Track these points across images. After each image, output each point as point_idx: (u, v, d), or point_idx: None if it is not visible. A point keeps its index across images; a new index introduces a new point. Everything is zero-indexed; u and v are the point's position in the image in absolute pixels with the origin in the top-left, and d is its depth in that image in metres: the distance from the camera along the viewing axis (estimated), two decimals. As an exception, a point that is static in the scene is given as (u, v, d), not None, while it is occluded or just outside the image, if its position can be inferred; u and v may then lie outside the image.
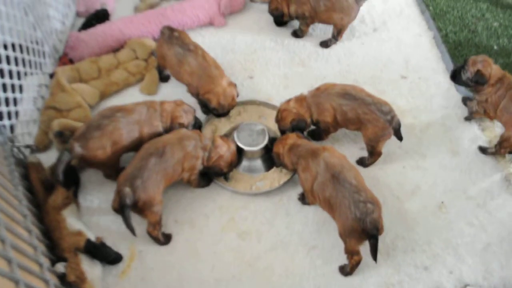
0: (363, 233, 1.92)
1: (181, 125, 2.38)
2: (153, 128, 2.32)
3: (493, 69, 2.46)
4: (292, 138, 2.30)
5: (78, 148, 2.13)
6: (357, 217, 1.91)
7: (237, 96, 2.63)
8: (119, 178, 2.08)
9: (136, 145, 2.25)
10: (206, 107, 2.60)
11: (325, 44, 3.14)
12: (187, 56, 2.58)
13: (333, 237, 2.20)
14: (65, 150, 2.14)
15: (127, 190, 1.99)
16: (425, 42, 3.24)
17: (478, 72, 2.45)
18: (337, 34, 3.10)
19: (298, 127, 2.40)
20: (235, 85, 2.61)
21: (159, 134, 2.33)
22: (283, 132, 2.49)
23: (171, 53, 2.63)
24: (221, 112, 2.61)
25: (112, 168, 2.32)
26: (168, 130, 2.37)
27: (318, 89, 2.44)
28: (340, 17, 2.96)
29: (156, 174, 2.08)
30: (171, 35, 2.65)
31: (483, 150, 2.58)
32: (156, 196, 2.08)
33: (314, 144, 2.28)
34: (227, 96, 2.54)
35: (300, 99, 2.44)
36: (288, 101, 2.45)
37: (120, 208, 1.98)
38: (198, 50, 2.62)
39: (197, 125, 2.50)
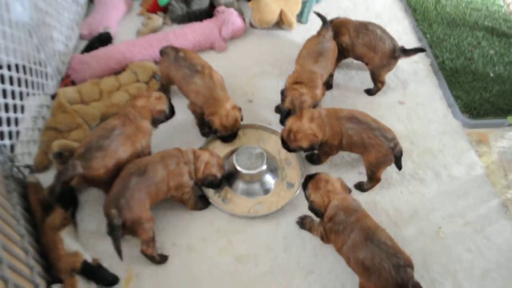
0: None
1: (161, 113, 2.42)
2: (143, 138, 2.34)
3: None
4: (340, 194, 2.08)
5: (79, 168, 2.11)
6: (399, 283, 1.82)
7: (241, 119, 2.64)
8: (105, 202, 2.08)
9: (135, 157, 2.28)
10: (210, 128, 2.60)
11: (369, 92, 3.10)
12: (194, 77, 2.61)
13: (330, 262, 2.20)
14: (64, 169, 2.10)
15: (114, 211, 1.99)
16: (422, 68, 3.29)
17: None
18: (375, 84, 3.03)
19: (310, 150, 2.42)
20: (239, 109, 2.63)
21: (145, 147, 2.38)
22: (288, 149, 2.47)
23: (179, 75, 2.65)
24: (224, 134, 2.60)
25: (110, 185, 2.28)
26: (155, 122, 2.42)
27: (328, 110, 2.42)
28: (371, 56, 2.88)
29: (138, 192, 2.08)
30: (177, 56, 2.67)
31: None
32: (142, 214, 2.08)
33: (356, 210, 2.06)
34: (229, 118, 2.54)
35: (312, 118, 2.36)
36: (299, 118, 2.38)
37: (111, 229, 1.98)
38: (205, 70, 2.64)
39: (172, 112, 2.52)
